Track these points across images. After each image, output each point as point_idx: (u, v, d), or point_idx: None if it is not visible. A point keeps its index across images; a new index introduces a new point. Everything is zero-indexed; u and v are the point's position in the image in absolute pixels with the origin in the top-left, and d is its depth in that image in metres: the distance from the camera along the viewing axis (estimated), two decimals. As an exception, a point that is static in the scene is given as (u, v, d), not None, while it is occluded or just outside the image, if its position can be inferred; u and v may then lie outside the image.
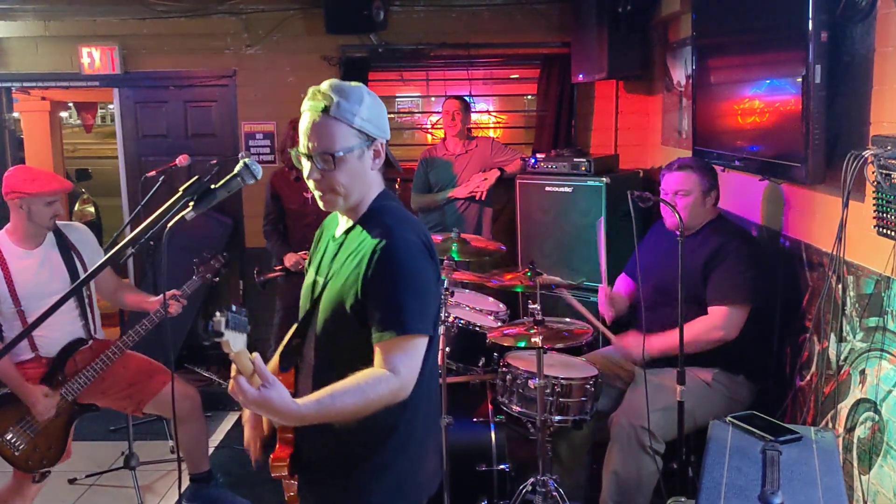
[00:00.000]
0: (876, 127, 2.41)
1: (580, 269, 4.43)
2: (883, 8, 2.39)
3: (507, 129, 6.28)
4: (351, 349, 1.78)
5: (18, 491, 3.30)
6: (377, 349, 1.74)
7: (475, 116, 5.83)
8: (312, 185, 1.82)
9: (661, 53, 4.90)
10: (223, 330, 1.46)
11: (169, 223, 1.72)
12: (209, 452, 3.79)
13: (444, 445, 3.07)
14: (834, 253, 2.58)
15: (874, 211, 2.32)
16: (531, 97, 5.83)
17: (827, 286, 2.67)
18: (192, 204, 1.74)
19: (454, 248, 3.61)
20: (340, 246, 1.89)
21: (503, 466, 3.24)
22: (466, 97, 5.18)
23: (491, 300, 3.98)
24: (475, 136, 5.19)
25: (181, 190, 1.75)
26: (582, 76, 5.00)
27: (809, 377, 2.88)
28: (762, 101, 2.99)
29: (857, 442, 2.52)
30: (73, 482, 4.04)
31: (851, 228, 2.52)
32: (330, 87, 1.79)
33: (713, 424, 2.41)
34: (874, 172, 2.26)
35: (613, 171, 4.75)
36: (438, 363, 2.54)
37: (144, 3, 5.13)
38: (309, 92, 1.80)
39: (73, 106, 10.84)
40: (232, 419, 4.86)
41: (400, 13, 5.38)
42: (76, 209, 9.13)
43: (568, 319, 3.33)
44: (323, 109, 1.76)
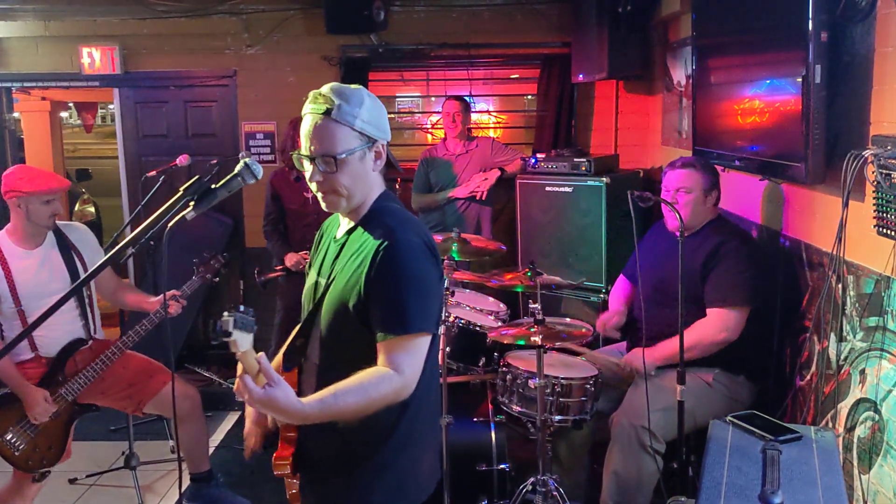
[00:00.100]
0: (876, 127, 2.41)
1: (580, 268, 4.43)
2: (883, 8, 2.39)
3: (507, 129, 6.28)
4: (354, 349, 1.79)
5: (18, 491, 3.31)
6: (380, 348, 1.75)
7: (475, 116, 5.83)
8: (315, 187, 1.83)
9: (661, 53, 4.90)
10: (231, 330, 1.48)
11: (169, 223, 1.72)
12: (209, 452, 3.79)
13: (444, 445, 3.07)
14: (834, 253, 2.58)
15: (874, 211, 2.32)
16: (531, 97, 5.83)
17: (827, 286, 2.67)
18: (192, 204, 1.74)
19: (454, 247, 3.61)
20: (342, 247, 1.90)
21: (503, 466, 3.24)
22: (466, 97, 5.18)
23: (491, 300, 3.98)
24: (475, 136, 5.19)
25: (181, 190, 1.75)
26: (582, 76, 5.00)
27: (809, 377, 2.88)
28: (762, 101, 2.99)
29: (857, 441, 2.52)
30: (73, 482, 4.04)
31: (851, 228, 2.52)
32: (331, 90, 1.81)
33: (713, 424, 2.41)
34: (874, 172, 2.26)
35: (613, 171, 4.75)
36: (439, 363, 2.55)
37: (145, 3, 5.13)
38: (310, 95, 1.82)
39: (73, 106, 10.85)
40: (232, 419, 4.86)
41: (400, 13, 5.38)
42: (76, 209, 9.13)
43: (568, 320, 3.33)
44: (324, 112, 1.78)
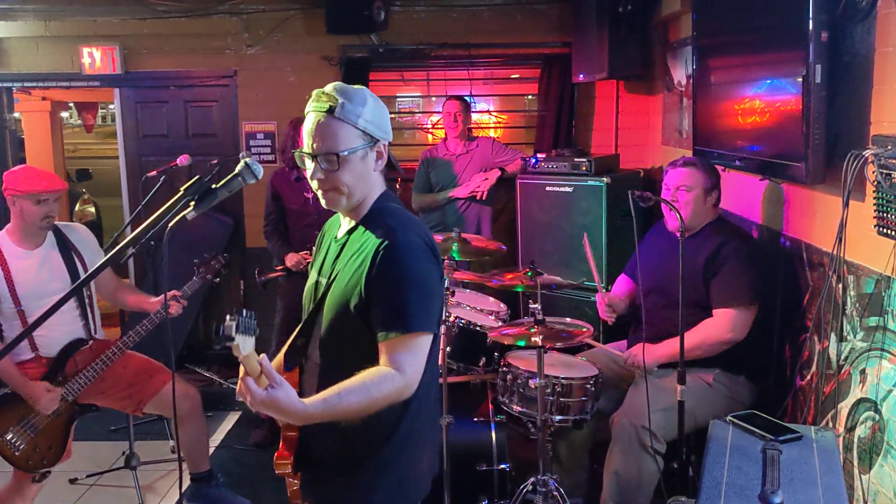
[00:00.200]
0: (876, 126, 2.41)
1: (581, 268, 4.42)
2: (883, 8, 2.38)
3: (507, 129, 6.28)
4: (355, 348, 1.80)
5: (18, 491, 3.30)
6: (382, 348, 1.75)
7: (476, 116, 5.83)
8: (316, 184, 1.84)
9: (661, 53, 4.90)
10: (234, 335, 1.49)
11: (170, 223, 1.72)
12: (210, 452, 3.79)
13: (444, 445, 3.08)
14: (834, 253, 2.58)
15: (874, 211, 2.32)
16: (532, 97, 5.83)
17: (827, 286, 2.67)
18: (192, 204, 1.74)
19: (455, 247, 3.61)
20: (343, 247, 1.90)
21: (504, 466, 3.24)
22: (467, 97, 5.18)
23: (491, 300, 3.98)
24: (476, 136, 5.19)
25: (182, 190, 1.75)
26: (582, 76, 5.00)
27: (810, 377, 2.88)
28: (762, 100, 2.99)
29: (857, 441, 2.52)
30: (73, 482, 4.04)
31: (852, 228, 2.52)
32: (334, 89, 1.81)
33: (713, 424, 2.41)
34: (874, 172, 2.26)
35: (614, 170, 4.74)
36: (439, 362, 2.55)
37: (145, 3, 5.13)
38: (313, 94, 1.83)
39: (73, 106, 10.86)
40: (232, 419, 4.86)
41: (400, 13, 5.38)
42: (77, 209, 9.14)
43: (568, 319, 3.33)
44: (327, 110, 1.78)
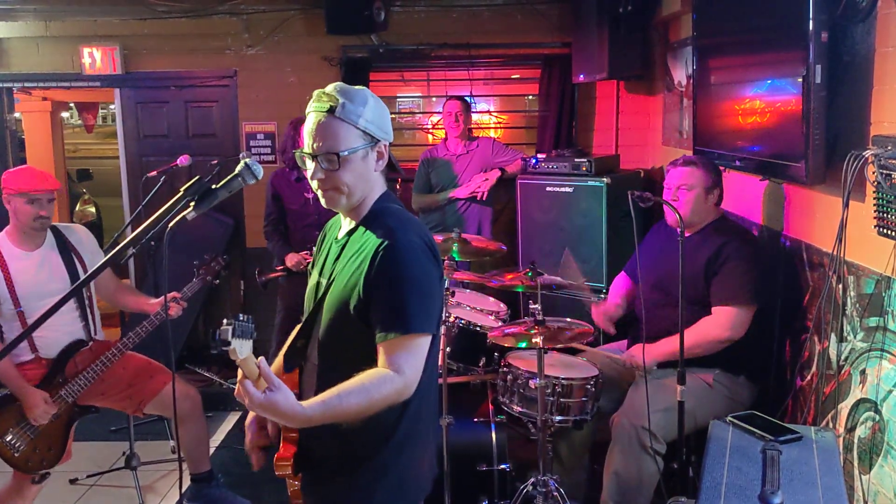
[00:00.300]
0: (876, 127, 2.40)
1: (581, 269, 4.43)
2: (883, 8, 2.38)
3: (508, 129, 6.28)
4: (355, 350, 1.79)
5: (18, 492, 3.30)
6: (381, 349, 1.75)
7: (476, 117, 5.83)
8: (316, 184, 1.83)
9: (661, 53, 4.90)
10: (230, 339, 1.50)
11: (170, 223, 1.72)
12: (210, 452, 3.79)
13: (444, 445, 3.07)
14: (834, 253, 2.58)
15: (874, 211, 2.32)
16: (532, 97, 5.82)
17: (827, 286, 2.67)
18: (192, 204, 1.74)
19: (455, 248, 3.61)
20: (343, 248, 1.90)
21: (504, 466, 3.24)
22: (467, 97, 5.17)
23: (492, 300, 3.98)
24: (476, 136, 5.19)
25: (182, 190, 1.75)
26: (583, 76, 5.00)
27: (810, 377, 2.88)
28: (763, 101, 2.99)
29: (857, 442, 2.52)
30: (74, 482, 4.04)
31: (852, 228, 2.51)
32: (335, 89, 1.81)
33: (713, 424, 2.41)
34: (874, 172, 2.26)
35: (614, 171, 4.74)
36: (439, 363, 2.55)
37: (145, 3, 5.13)
38: (314, 94, 1.83)
39: (74, 106, 10.85)
40: (233, 419, 4.86)
41: (400, 13, 5.38)
42: (77, 209, 9.13)
43: (569, 319, 3.33)
44: (328, 110, 1.78)
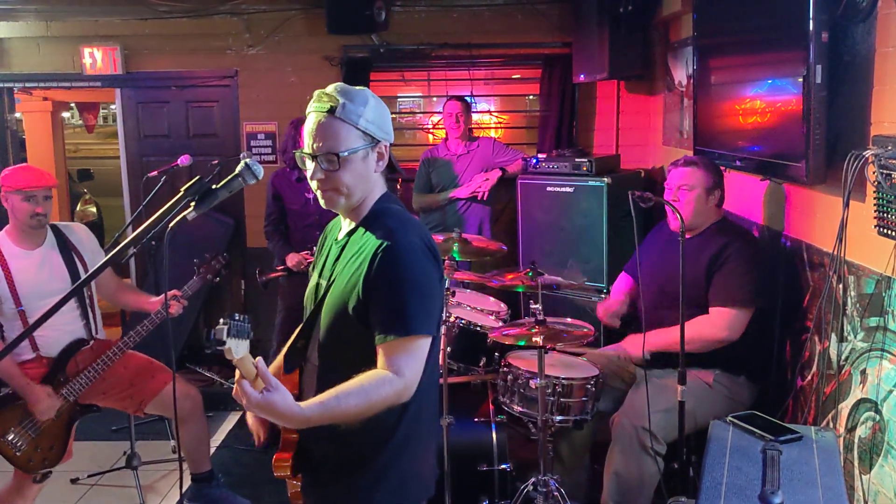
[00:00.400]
0: (877, 127, 2.40)
1: (581, 269, 4.43)
2: (884, 8, 2.38)
3: (508, 129, 6.28)
4: (354, 351, 1.78)
5: (19, 491, 3.31)
6: (380, 350, 1.74)
7: (476, 117, 5.83)
8: (315, 184, 1.83)
9: (662, 53, 4.90)
10: (225, 338, 1.50)
11: (170, 223, 1.72)
12: (210, 452, 3.79)
13: (445, 445, 3.08)
14: (835, 253, 2.57)
15: (875, 211, 2.32)
16: (532, 97, 5.82)
17: (828, 286, 2.67)
18: (193, 204, 1.74)
19: (455, 247, 3.61)
20: (343, 248, 1.90)
21: (504, 466, 3.24)
22: (467, 97, 5.18)
23: (492, 300, 3.98)
24: (477, 136, 5.19)
25: (183, 190, 1.75)
26: (583, 76, 5.00)
27: (810, 377, 2.88)
28: (763, 101, 2.99)
29: (857, 442, 2.52)
30: (75, 482, 4.05)
31: (852, 228, 2.51)
32: (336, 89, 1.81)
33: (714, 424, 2.41)
34: (875, 172, 2.26)
35: (615, 171, 4.74)
36: (439, 364, 2.55)
37: (146, 3, 5.13)
38: (315, 94, 1.82)
39: (74, 106, 10.87)
40: (233, 419, 4.86)
41: (401, 13, 5.38)
42: (78, 209, 9.14)
43: (569, 320, 3.33)
44: (328, 110, 1.78)
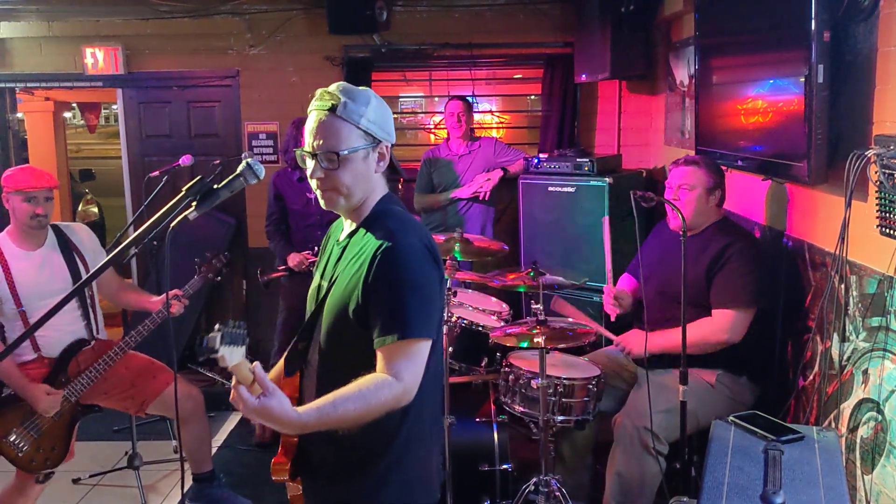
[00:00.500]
0: (879, 126, 2.40)
1: (583, 269, 4.43)
2: (885, 7, 2.38)
3: (510, 129, 6.28)
4: (354, 353, 1.77)
5: (21, 491, 3.31)
6: (379, 354, 1.72)
7: (478, 117, 5.83)
8: (315, 184, 1.81)
9: (663, 53, 4.90)
10: (218, 346, 1.49)
11: (172, 223, 1.71)
12: (212, 452, 3.79)
13: (446, 445, 3.07)
14: (837, 253, 2.57)
15: (877, 211, 2.32)
16: (534, 97, 5.82)
17: (830, 286, 2.66)
18: (194, 204, 1.73)
19: (457, 247, 3.61)
20: (344, 250, 1.88)
21: (506, 466, 3.24)
22: (469, 97, 5.18)
23: (493, 300, 3.98)
24: (478, 136, 5.19)
25: (184, 190, 1.75)
26: (585, 76, 5.00)
27: (812, 377, 2.88)
28: (765, 100, 2.99)
29: (859, 442, 2.52)
30: (76, 482, 4.05)
31: (854, 228, 2.51)
32: (338, 88, 1.80)
33: (715, 424, 2.40)
34: (877, 172, 2.26)
35: (616, 171, 4.74)
36: (443, 366, 2.54)
37: (148, 3, 5.13)
38: (316, 93, 1.81)
39: (76, 106, 10.87)
40: (235, 419, 4.86)
41: (402, 13, 5.39)
42: (80, 209, 9.14)
43: (571, 319, 3.33)
44: (329, 109, 1.76)
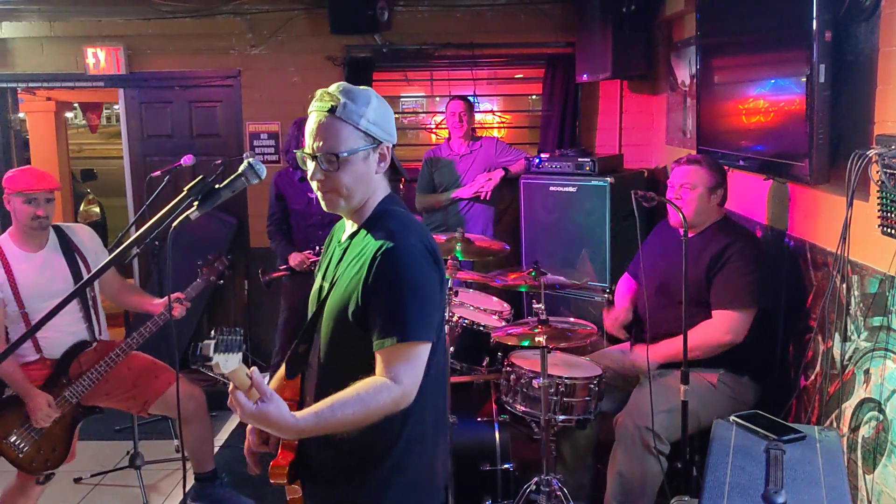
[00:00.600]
0: (880, 126, 2.40)
1: (584, 269, 4.43)
2: (887, 7, 2.38)
3: (511, 129, 6.28)
4: (354, 355, 1.75)
5: (23, 491, 3.31)
6: (378, 356, 1.70)
7: (479, 116, 5.83)
8: (315, 185, 1.80)
9: (665, 53, 4.90)
10: (212, 354, 1.46)
11: (174, 223, 1.71)
12: (214, 452, 3.79)
13: (447, 445, 3.07)
14: (838, 252, 2.57)
15: (878, 210, 2.31)
16: (535, 97, 5.82)
17: (831, 286, 2.66)
18: (196, 204, 1.73)
19: (458, 247, 3.61)
20: (345, 251, 1.87)
21: (507, 466, 3.24)
22: (470, 97, 5.18)
23: (495, 300, 3.98)
24: (480, 136, 5.19)
25: (186, 190, 1.75)
26: (586, 76, 5.00)
27: (814, 377, 2.88)
28: (766, 100, 2.99)
29: (861, 441, 2.52)
30: (78, 481, 4.05)
31: (856, 228, 2.51)
32: (338, 88, 1.78)
33: (717, 423, 2.40)
34: (878, 172, 2.26)
35: (618, 170, 4.74)
36: (447, 368, 2.53)
37: (149, 3, 5.14)
38: (317, 94, 1.80)
39: (78, 106, 10.88)
40: (236, 419, 4.84)
41: (404, 13, 5.39)
42: (81, 209, 9.14)
43: (572, 319, 3.33)
44: (329, 110, 1.75)
